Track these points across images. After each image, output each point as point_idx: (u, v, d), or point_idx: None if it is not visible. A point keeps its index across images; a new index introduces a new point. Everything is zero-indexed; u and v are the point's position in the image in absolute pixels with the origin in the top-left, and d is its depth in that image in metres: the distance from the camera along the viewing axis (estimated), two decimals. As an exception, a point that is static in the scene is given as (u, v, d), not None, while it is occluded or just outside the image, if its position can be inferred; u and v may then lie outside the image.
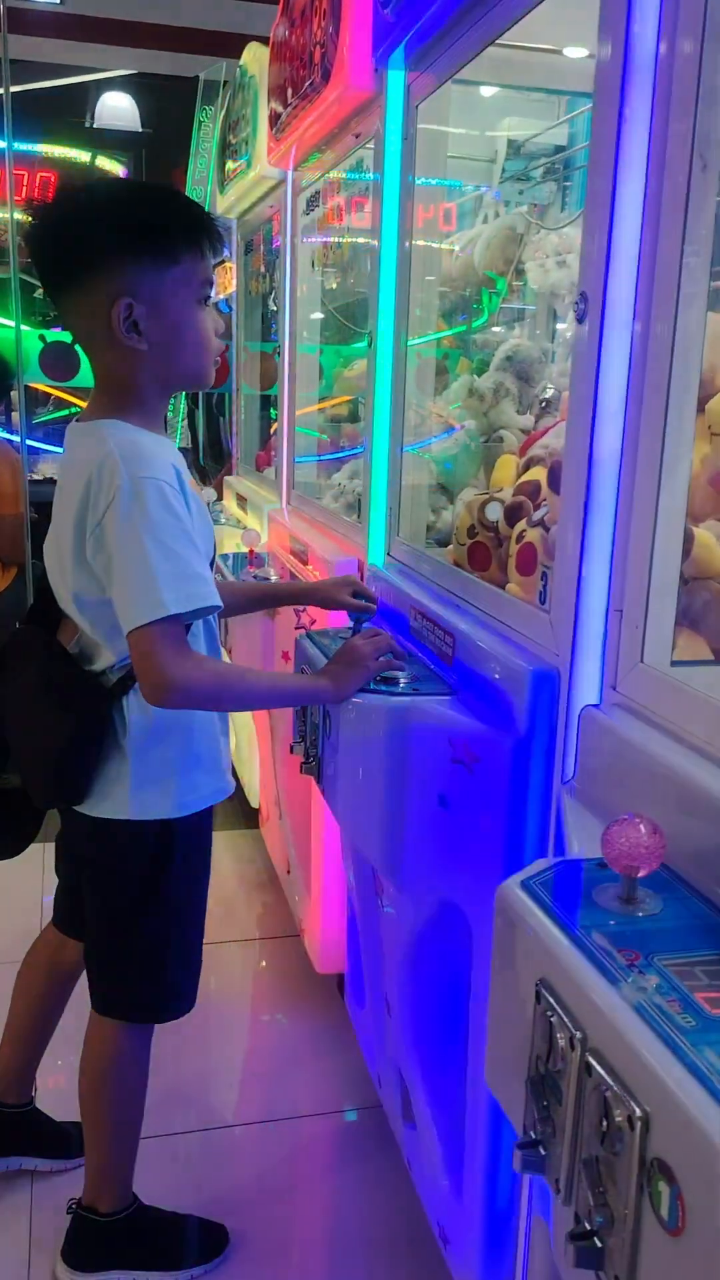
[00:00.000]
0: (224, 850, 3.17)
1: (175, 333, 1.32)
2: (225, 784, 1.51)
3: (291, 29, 2.19)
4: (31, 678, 1.43)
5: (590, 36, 1.10)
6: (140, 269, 1.28)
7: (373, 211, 1.91)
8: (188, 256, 1.31)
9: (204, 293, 1.34)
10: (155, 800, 1.41)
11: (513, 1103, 0.82)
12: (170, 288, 1.30)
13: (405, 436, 1.90)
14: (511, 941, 0.85)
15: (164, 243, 1.29)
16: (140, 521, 1.24)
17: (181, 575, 1.24)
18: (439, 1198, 1.50)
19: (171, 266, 1.29)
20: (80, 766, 1.39)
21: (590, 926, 0.79)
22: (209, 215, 1.35)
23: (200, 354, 1.36)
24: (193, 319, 1.33)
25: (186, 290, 1.32)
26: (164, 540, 1.24)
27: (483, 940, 1.30)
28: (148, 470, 1.26)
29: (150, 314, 1.29)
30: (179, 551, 1.25)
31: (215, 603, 1.29)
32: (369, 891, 1.67)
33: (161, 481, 1.26)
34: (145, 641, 1.24)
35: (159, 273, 1.29)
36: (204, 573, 1.29)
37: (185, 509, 1.29)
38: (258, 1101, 2.05)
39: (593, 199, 1.10)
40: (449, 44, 1.55)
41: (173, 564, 1.24)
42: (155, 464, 1.28)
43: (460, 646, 1.42)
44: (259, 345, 3.68)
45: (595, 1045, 0.71)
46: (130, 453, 1.28)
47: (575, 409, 1.15)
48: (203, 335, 1.35)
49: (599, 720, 1.09)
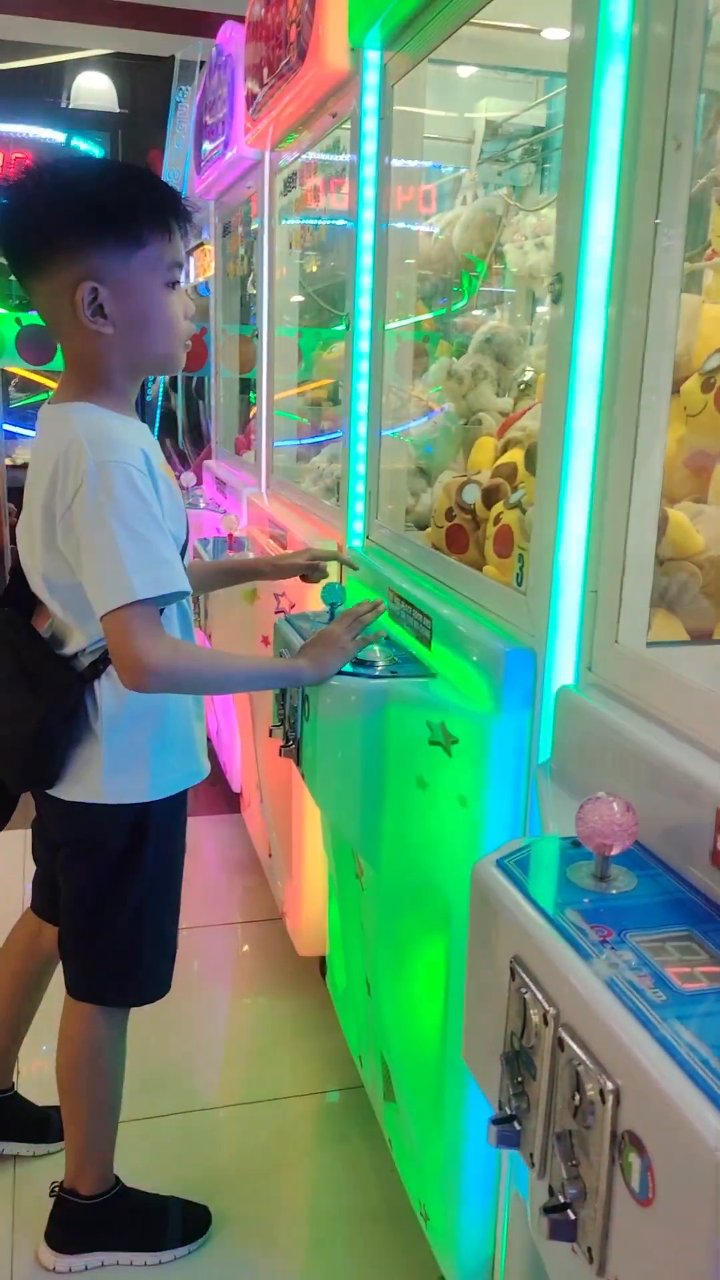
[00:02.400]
0: (206, 834, 3.17)
1: (142, 317, 1.30)
2: (200, 767, 1.51)
3: (267, 7, 2.17)
4: (5, 661, 1.43)
5: (568, 17, 1.10)
6: (104, 251, 1.26)
7: (350, 192, 1.90)
8: (154, 239, 1.28)
9: (172, 276, 1.31)
10: (129, 784, 1.41)
11: (488, 1079, 0.83)
12: (136, 271, 1.28)
13: (385, 420, 1.90)
14: (486, 919, 0.85)
15: (129, 225, 1.26)
16: (107, 506, 1.23)
17: (149, 560, 1.23)
18: (419, 1175, 1.51)
19: (137, 249, 1.27)
20: (52, 751, 1.39)
21: (564, 904, 0.80)
22: (178, 195, 1.33)
23: (168, 338, 1.34)
24: (160, 302, 1.31)
25: (153, 274, 1.29)
26: (131, 525, 1.23)
27: (460, 920, 1.31)
28: (114, 454, 1.25)
29: (115, 297, 1.27)
30: (146, 536, 1.24)
31: (183, 588, 1.28)
32: (349, 873, 1.67)
33: (128, 465, 1.25)
34: (118, 626, 1.24)
35: (124, 255, 1.27)
36: (171, 557, 1.27)
37: (154, 493, 1.28)
38: (240, 1083, 2.06)
39: (567, 180, 1.10)
40: (425, 22, 1.54)
41: (140, 548, 1.23)
42: (122, 448, 1.26)
43: (438, 629, 1.42)
44: (238, 328, 3.65)
45: (568, 1021, 0.72)
46: (97, 437, 1.27)
47: (551, 390, 1.16)
48: (171, 319, 1.33)
49: (574, 700, 1.09)
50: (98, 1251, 1.58)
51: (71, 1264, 1.57)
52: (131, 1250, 1.59)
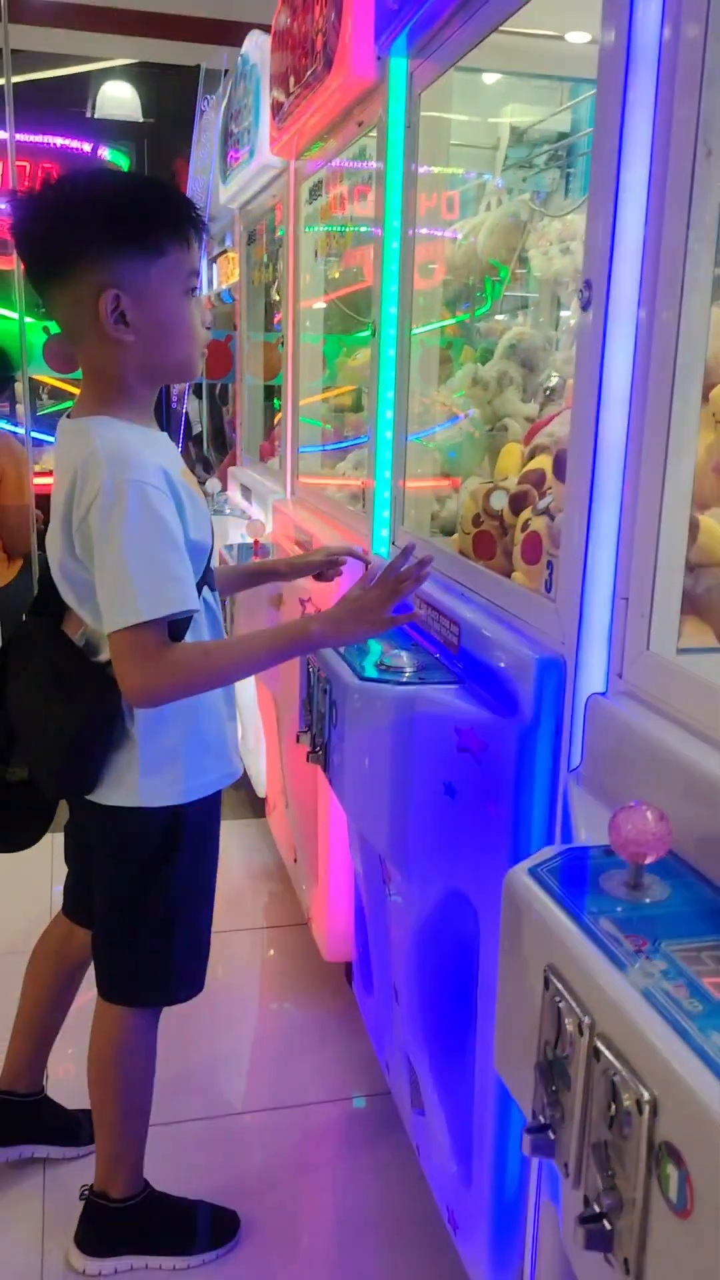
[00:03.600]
0: (230, 840, 3.18)
1: (163, 324, 1.32)
2: (233, 768, 1.51)
3: (293, 16, 2.19)
4: (40, 669, 1.44)
5: (592, 21, 1.10)
6: (126, 260, 1.28)
7: (375, 200, 1.90)
8: (174, 247, 1.30)
9: (190, 283, 1.33)
10: (164, 787, 1.42)
11: (522, 1088, 0.83)
12: (157, 279, 1.30)
13: (409, 425, 1.90)
14: (519, 928, 0.85)
15: (149, 233, 1.29)
16: (119, 524, 1.23)
17: (158, 579, 1.24)
18: (448, 1183, 1.51)
19: (158, 258, 1.29)
20: (90, 757, 1.40)
21: (597, 913, 0.80)
22: (193, 205, 1.35)
23: (187, 345, 1.36)
24: (180, 310, 1.33)
25: (173, 281, 1.31)
26: (141, 544, 1.24)
27: (490, 928, 1.31)
28: (131, 472, 1.25)
29: (137, 305, 1.29)
30: (158, 555, 1.25)
31: (190, 607, 1.28)
32: (376, 880, 1.67)
33: (144, 484, 1.25)
34: (120, 648, 1.26)
35: (145, 264, 1.28)
36: (182, 575, 1.27)
37: (173, 509, 1.28)
38: (266, 1089, 2.06)
39: (597, 185, 1.10)
40: (452, 31, 1.54)
41: (149, 568, 1.24)
42: (138, 466, 1.26)
43: (466, 635, 1.42)
44: (262, 335, 3.67)
45: (603, 1030, 0.72)
46: (115, 452, 1.27)
47: (580, 396, 1.15)
48: (190, 326, 1.35)
49: (605, 708, 1.09)
50: (127, 1255, 1.59)
51: (101, 1267, 1.57)
52: (161, 1254, 1.60)
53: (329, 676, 1.49)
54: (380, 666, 1.44)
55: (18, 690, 1.48)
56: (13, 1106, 1.78)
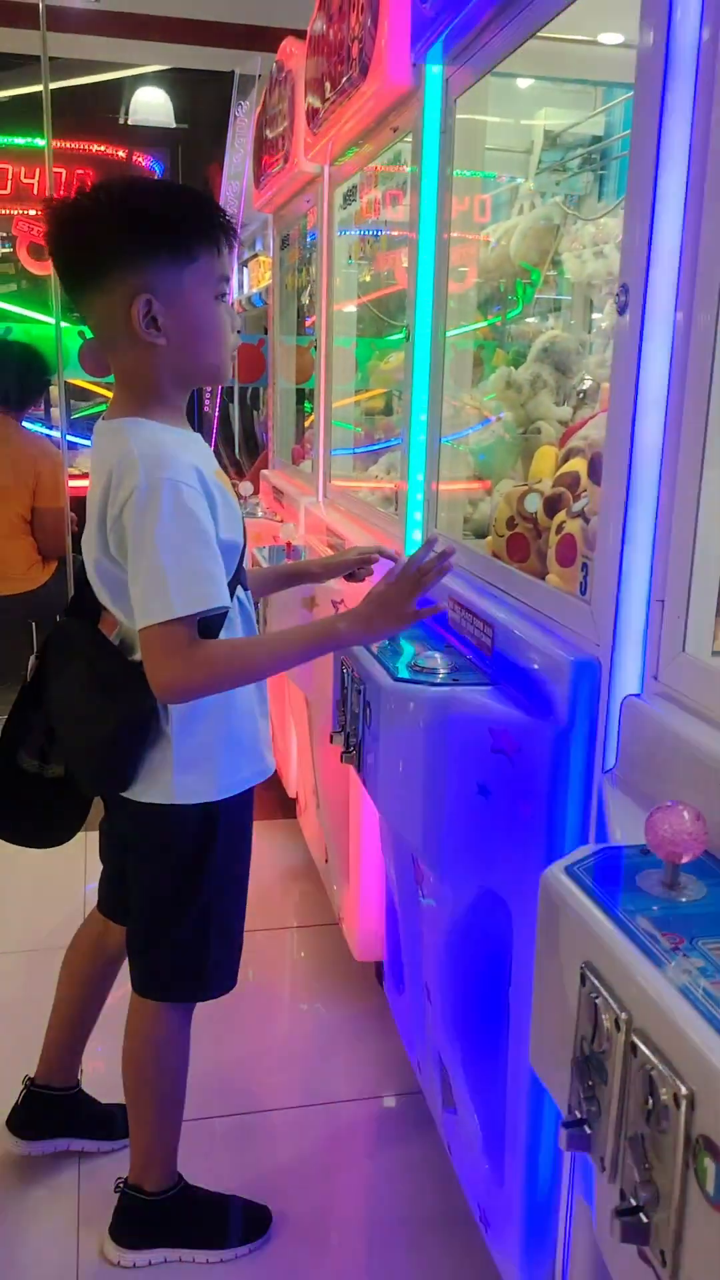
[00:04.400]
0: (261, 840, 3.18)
1: (194, 328, 1.34)
2: (265, 764, 1.53)
3: (329, 23, 2.21)
4: (80, 670, 1.46)
5: (624, 23, 1.10)
6: (159, 265, 1.30)
7: (410, 205, 1.92)
8: (204, 253, 1.32)
9: (220, 289, 1.36)
10: (198, 783, 1.44)
11: (558, 1083, 0.84)
12: (188, 284, 1.32)
13: (442, 428, 1.91)
14: (556, 926, 0.86)
15: (181, 239, 1.31)
16: (153, 523, 1.26)
17: (191, 576, 1.26)
18: (479, 1181, 1.52)
19: (189, 263, 1.31)
20: (127, 754, 1.42)
21: (634, 911, 0.80)
22: (224, 211, 1.37)
23: (218, 348, 1.38)
24: (211, 315, 1.35)
25: (203, 286, 1.33)
26: (175, 542, 1.26)
27: (524, 927, 1.31)
28: (165, 471, 1.28)
29: (169, 309, 1.31)
30: (191, 552, 1.27)
31: (222, 603, 1.30)
32: (409, 880, 1.68)
33: (179, 482, 1.28)
34: (149, 643, 1.29)
35: (177, 269, 1.31)
36: (215, 572, 1.29)
37: (206, 508, 1.30)
38: (297, 1087, 2.08)
39: (634, 188, 1.10)
40: (489, 37, 1.55)
41: (183, 565, 1.26)
42: (173, 465, 1.29)
43: (499, 637, 1.43)
44: (294, 339, 3.70)
45: (641, 1026, 0.72)
46: (150, 452, 1.29)
47: (616, 399, 1.16)
48: (221, 330, 1.37)
49: (641, 709, 1.10)
50: (161, 1248, 1.61)
51: (136, 1259, 1.60)
52: (194, 1247, 1.62)
53: (363, 677, 1.50)
54: (413, 667, 1.45)
55: (59, 690, 1.51)
56: (49, 1100, 1.80)
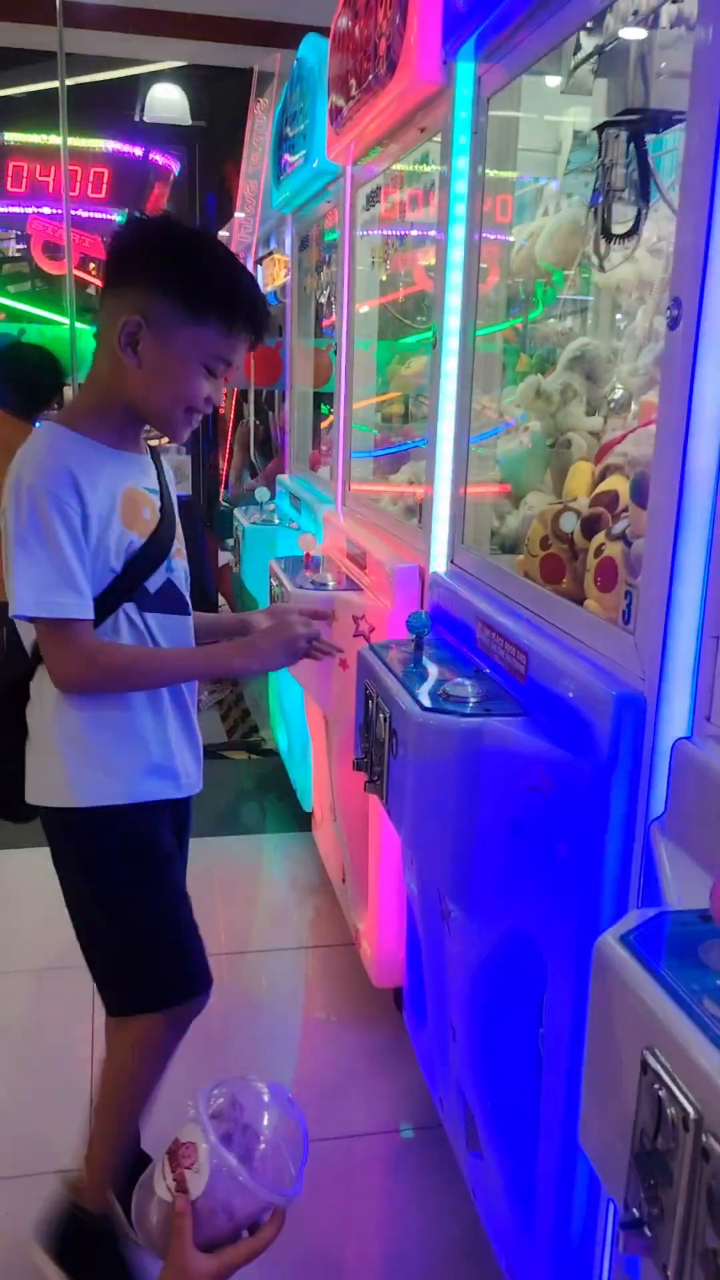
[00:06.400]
0: (274, 853, 3.14)
1: (165, 374, 1.37)
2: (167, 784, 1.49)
3: (355, 19, 2.13)
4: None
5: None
6: (168, 307, 1.35)
7: (439, 207, 1.85)
8: (215, 326, 1.36)
9: (214, 365, 1.39)
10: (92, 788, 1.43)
11: (612, 1174, 0.77)
12: (183, 337, 1.36)
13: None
14: (613, 1002, 0.79)
15: (203, 303, 1.35)
16: (13, 526, 1.32)
17: (39, 584, 1.32)
18: (507, 1235, 1.45)
19: (196, 324, 1.36)
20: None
21: (700, 991, 0.73)
22: (261, 305, 1.41)
23: (174, 407, 1.40)
24: (187, 375, 1.38)
25: (195, 349, 1.37)
26: (31, 546, 1.31)
27: (560, 972, 1.25)
28: (36, 478, 1.33)
29: (152, 345, 1.35)
30: (41, 560, 1.32)
31: (71, 615, 1.33)
32: (433, 911, 1.62)
33: (43, 490, 1.31)
34: (39, 633, 1.37)
35: (181, 320, 1.35)
36: (65, 583, 1.32)
37: (78, 519, 1.33)
38: (311, 1118, 2.01)
39: (688, 194, 1.03)
40: (525, 35, 1.48)
41: (36, 571, 1.32)
42: (46, 474, 1.33)
43: (534, 664, 1.36)
44: (312, 342, 3.63)
45: (713, 1128, 0.65)
46: (34, 460, 1.35)
47: (666, 418, 1.09)
48: (187, 392, 1.39)
49: (693, 754, 1.03)
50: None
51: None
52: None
53: (388, 703, 1.44)
54: (442, 695, 1.39)
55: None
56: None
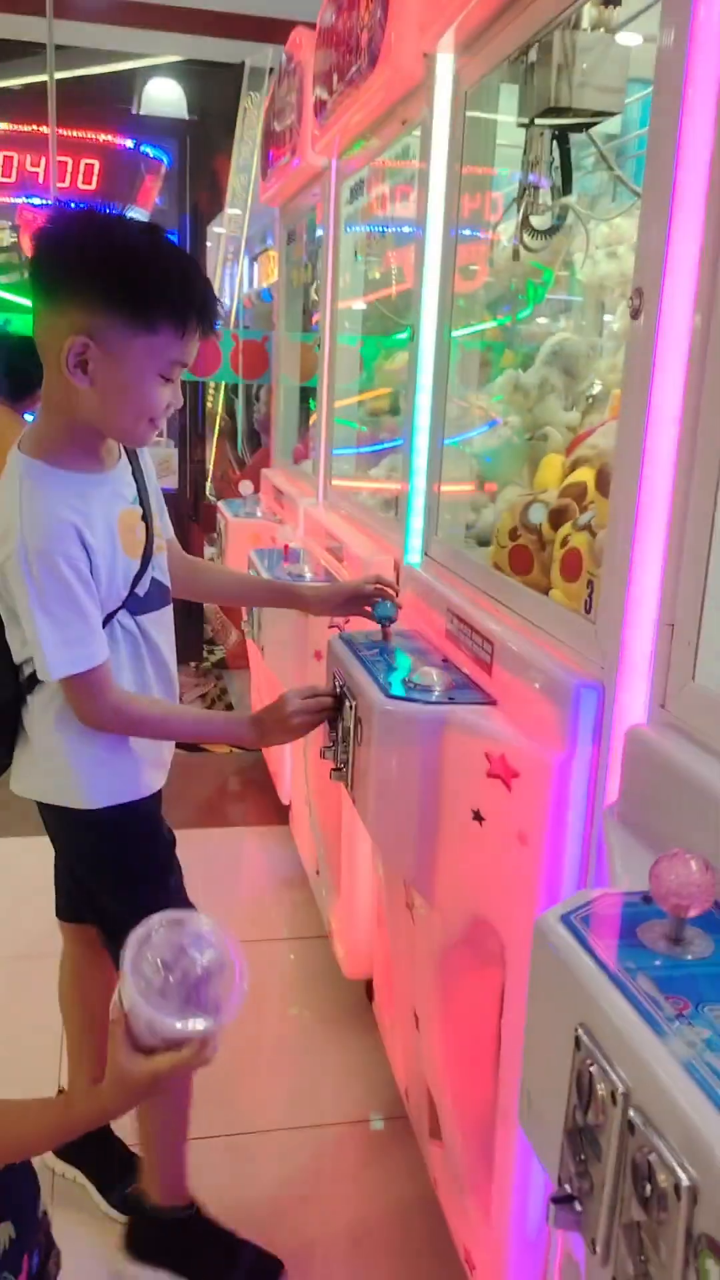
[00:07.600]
0: (253, 845, 3.14)
1: (120, 392, 1.29)
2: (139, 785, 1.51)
3: (338, 13, 2.14)
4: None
5: (642, 21, 1.04)
6: (112, 318, 1.24)
7: (418, 200, 1.85)
8: (166, 330, 1.26)
9: (171, 372, 1.30)
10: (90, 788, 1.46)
11: (547, 1150, 0.78)
12: (136, 352, 1.26)
13: (445, 430, 1.84)
14: (550, 979, 0.80)
15: (149, 309, 1.25)
16: (31, 590, 1.30)
17: (68, 641, 1.32)
18: (465, 1222, 1.45)
19: (146, 333, 1.25)
20: None
21: (635, 969, 0.74)
22: (212, 299, 1.30)
23: (136, 421, 1.32)
24: (144, 386, 1.29)
25: (150, 360, 1.27)
26: (54, 610, 1.30)
27: (517, 961, 1.25)
28: (42, 541, 1.28)
29: (103, 364, 1.26)
30: (66, 619, 1.31)
31: (92, 664, 1.34)
32: (399, 903, 1.62)
33: (53, 553, 1.29)
34: (66, 690, 1.37)
35: (131, 332, 1.25)
36: (86, 634, 1.33)
37: (83, 571, 1.31)
38: (282, 1107, 2.02)
39: (650, 190, 1.04)
40: (501, 27, 1.49)
41: (60, 632, 1.31)
42: (50, 535, 1.29)
43: (500, 654, 1.37)
44: (299, 336, 3.63)
45: (639, 1103, 0.66)
46: (33, 518, 1.29)
47: (628, 408, 1.10)
48: (147, 404, 1.31)
49: (646, 740, 1.03)
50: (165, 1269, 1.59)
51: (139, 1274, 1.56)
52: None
53: (355, 692, 1.44)
54: (409, 684, 1.39)
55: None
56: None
